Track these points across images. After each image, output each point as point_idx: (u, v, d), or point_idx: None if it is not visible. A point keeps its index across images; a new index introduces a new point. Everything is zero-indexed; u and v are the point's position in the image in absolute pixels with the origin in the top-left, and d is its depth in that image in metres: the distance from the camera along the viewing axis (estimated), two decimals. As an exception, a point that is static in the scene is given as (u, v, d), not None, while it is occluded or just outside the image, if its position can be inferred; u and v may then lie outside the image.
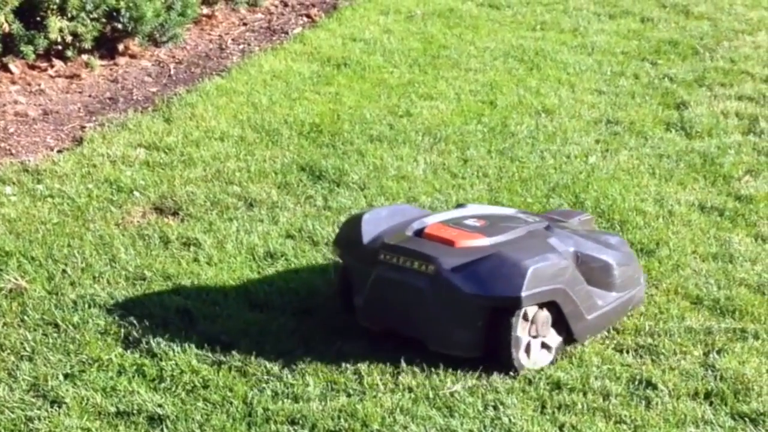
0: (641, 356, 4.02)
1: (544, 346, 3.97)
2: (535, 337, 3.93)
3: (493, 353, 3.89)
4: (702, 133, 5.97)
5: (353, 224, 4.19)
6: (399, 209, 4.35)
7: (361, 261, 4.05)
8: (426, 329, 3.92)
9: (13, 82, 6.51)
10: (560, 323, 3.97)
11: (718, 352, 4.04)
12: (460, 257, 3.89)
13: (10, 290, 4.34)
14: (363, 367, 3.90)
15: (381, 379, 3.85)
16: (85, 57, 6.82)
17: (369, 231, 4.08)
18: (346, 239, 4.20)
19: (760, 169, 5.55)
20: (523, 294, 3.77)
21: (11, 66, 6.58)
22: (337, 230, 4.61)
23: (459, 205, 4.54)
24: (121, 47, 7.06)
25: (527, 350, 3.91)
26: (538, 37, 7.63)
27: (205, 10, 7.91)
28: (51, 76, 6.67)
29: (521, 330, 3.86)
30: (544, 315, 3.92)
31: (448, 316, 3.87)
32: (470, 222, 4.12)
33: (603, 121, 6.15)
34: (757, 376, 3.90)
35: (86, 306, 4.24)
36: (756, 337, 4.14)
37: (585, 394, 3.80)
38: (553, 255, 3.93)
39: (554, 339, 3.98)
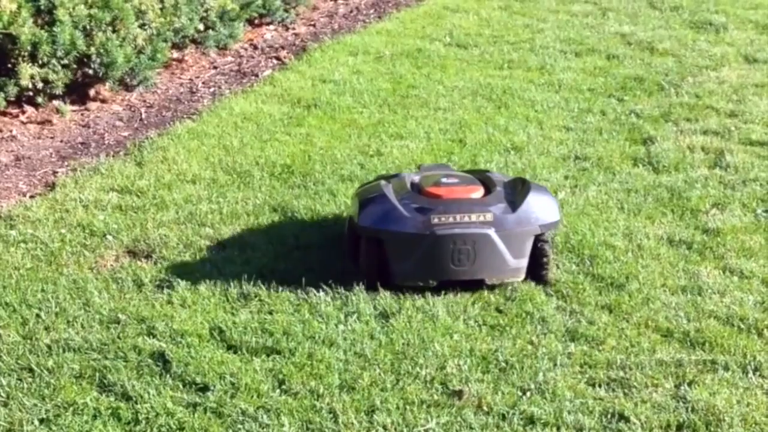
0: (613, 389, 4.06)
1: None
2: None
3: (533, 272, 4.72)
4: (669, 168, 6.05)
5: (380, 203, 4.71)
6: (386, 185, 4.86)
7: (409, 229, 4.60)
8: (486, 268, 4.64)
9: (-15, 129, 6.53)
10: None
11: (689, 384, 4.08)
12: (496, 203, 4.71)
13: (-16, 336, 4.35)
14: (338, 406, 3.92)
15: (356, 418, 3.87)
16: (56, 103, 6.85)
17: (398, 204, 4.69)
18: (381, 217, 4.66)
19: (727, 202, 5.62)
20: (560, 218, 4.87)
21: (-18, 113, 6.61)
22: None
23: (393, 175, 5.13)
24: (92, 92, 7.09)
25: None
26: (505, 76, 7.71)
27: (175, 54, 7.95)
28: (22, 122, 6.68)
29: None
30: None
31: (509, 250, 4.63)
32: (448, 180, 4.90)
33: (571, 157, 6.22)
34: (728, 407, 3.94)
35: (61, 350, 4.24)
36: (726, 368, 4.19)
37: (558, 428, 3.83)
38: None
39: None
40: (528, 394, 4.01)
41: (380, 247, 4.66)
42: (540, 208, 4.74)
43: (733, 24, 9.12)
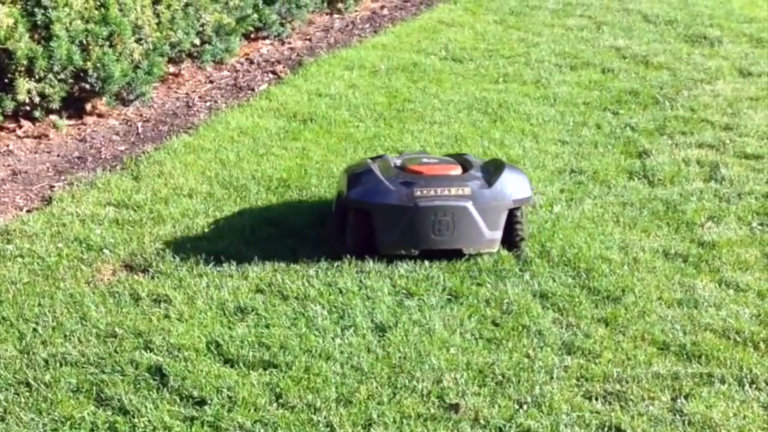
0: (610, 403, 4.07)
1: None
2: None
3: (508, 242, 5.13)
4: (664, 181, 6.07)
5: (367, 177, 5.12)
6: (372, 162, 5.32)
7: (394, 201, 4.99)
8: (463, 238, 5.02)
9: (-19, 143, 6.53)
10: None
11: (686, 397, 4.09)
12: (473, 180, 5.12)
13: (-19, 351, 4.35)
14: (335, 419, 3.92)
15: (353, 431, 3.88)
16: (53, 117, 6.85)
17: (383, 178, 5.09)
18: (368, 190, 5.06)
19: (722, 215, 5.64)
20: (533, 194, 5.31)
21: (-21, 127, 6.61)
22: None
23: (378, 157, 5.58)
24: (88, 107, 7.10)
25: None
26: (501, 90, 7.73)
27: (172, 69, 7.97)
28: (19, 137, 6.69)
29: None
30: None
31: (485, 222, 5.02)
32: (429, 160, 5.38)
33: (567, 170, 6.24)
34: (725, 420, 3.95)
35: (58, 364, 4.24)
36: (722, 381, 4.20)
37: (555, 441, 3.84)
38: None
39: None
40: (524, 407, 4.02)
41: (367, 218, 5.04)
42: (513, 185, 5.16)
43: (727, 38, 9.16)
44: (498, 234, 5.09)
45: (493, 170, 5.25)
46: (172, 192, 5.86)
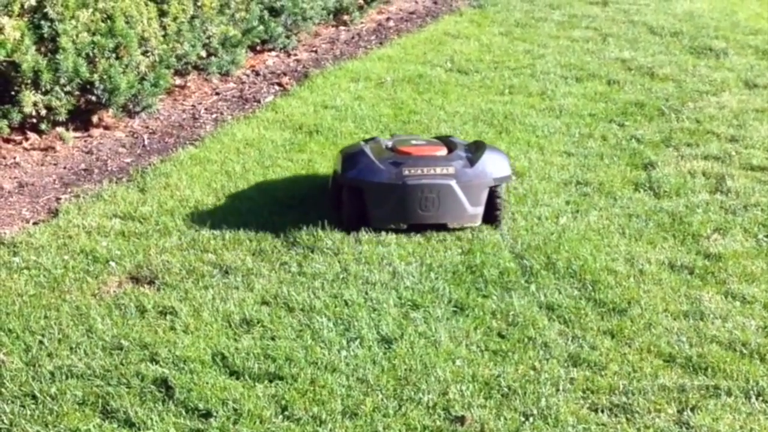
0: (616, 415, 4.06)
1: None
2: None
3: (488, 218, 5.54)
4: (670, 193, 6.07)
5: (360, 158, 5.53)
6: (365, 144, 5.74)
7: (384, 179, 5.41)
8: (448, 213, 5.45)
9: (-12, 155, 6.54)
10: None
11: (692, 410, 4.08)
12: (457, 160, 5.55)
13: (-13, 363, 4.35)
14: None
15: (359, 444, 3.88)
16: (59, 129, 6.86)
17: (375, 159, 5.50)
18: (361, 169, 5.47)
19: (728, 227, 5.63)
20: (511, 173, 5.72)
21: (-15, 140, 6.62)
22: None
23: (371, 139, 6.00)
24: (95, 119, 7.11)
25: None
26: (506, 101, 7.74)
27: (178, 81, 7.98)
28: (26, 149, 6.70)
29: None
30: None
31: (468, 199, 5.44)
32: (418, 142, 5.87)
33: (572, 182, 6.24)
34: (731, 432, 3.96)
35: (64, 377, 4.24)
36: (729, 393, 4.19)
37: (561, 453, 3.84)
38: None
39: None
40: (530, 419, 4.02)
41: (360, 195, 5.46)
42: (494, 165, 5.59)
43: (733, 49, 9.16)
44: (480, 210, 5.52)
45: (475, 151, 5.68)
46: (178, 204, 5.86)
